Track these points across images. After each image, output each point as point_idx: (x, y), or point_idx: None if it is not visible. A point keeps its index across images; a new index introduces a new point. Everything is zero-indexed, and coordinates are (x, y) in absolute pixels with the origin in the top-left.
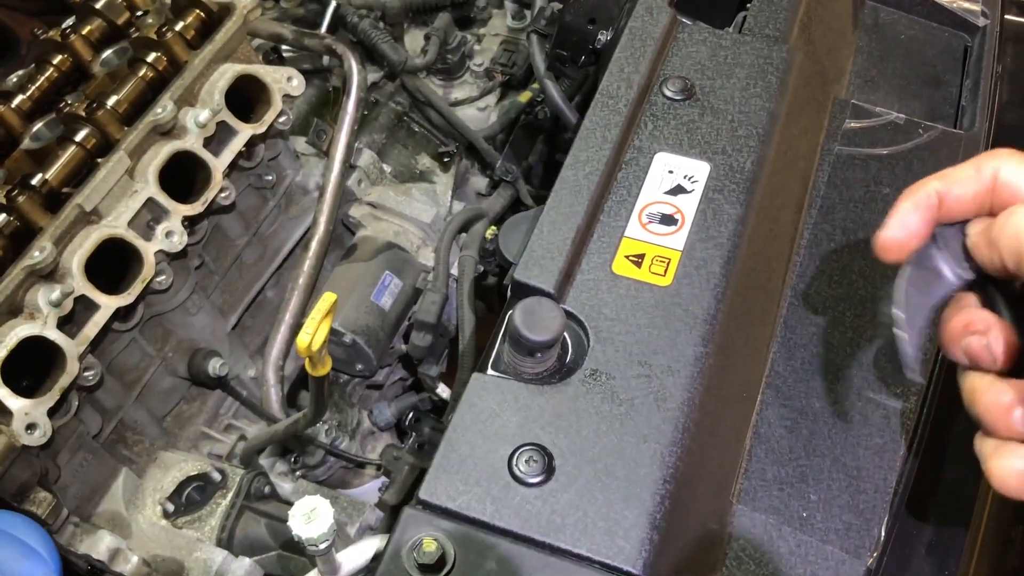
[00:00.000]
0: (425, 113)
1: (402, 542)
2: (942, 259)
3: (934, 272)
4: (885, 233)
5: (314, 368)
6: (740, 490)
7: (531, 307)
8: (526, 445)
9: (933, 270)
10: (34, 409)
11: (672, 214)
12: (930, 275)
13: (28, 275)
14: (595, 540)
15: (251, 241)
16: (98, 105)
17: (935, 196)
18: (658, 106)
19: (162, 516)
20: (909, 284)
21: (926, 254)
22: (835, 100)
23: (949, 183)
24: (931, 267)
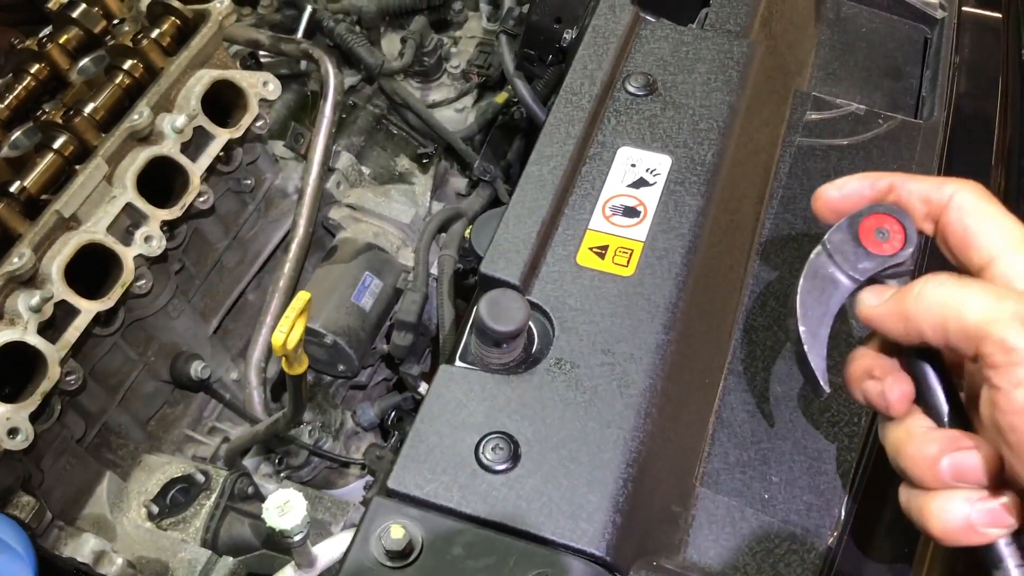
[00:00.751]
0: (403, 115)
1: (370, 530)
2: (834, 265)
3: (828, 280)
4: (824, 187)
5: (290, 367)
6: (703, 473)
7: (496, 299)
8: (492, 433)
9: (827, 278)
10: (16, 414)
11: (635, 206)
12: (825, 283)
13: (7, 281)
14: (560, 524)
15: (231, 245)
16: (75, 112)
17: (887, 180)
18: (621, 102)
19: (147, 518)
20: (805, 297)
21: (818, 263)
22: (796, 92)
23: (906, 179)
24: (825, 275)
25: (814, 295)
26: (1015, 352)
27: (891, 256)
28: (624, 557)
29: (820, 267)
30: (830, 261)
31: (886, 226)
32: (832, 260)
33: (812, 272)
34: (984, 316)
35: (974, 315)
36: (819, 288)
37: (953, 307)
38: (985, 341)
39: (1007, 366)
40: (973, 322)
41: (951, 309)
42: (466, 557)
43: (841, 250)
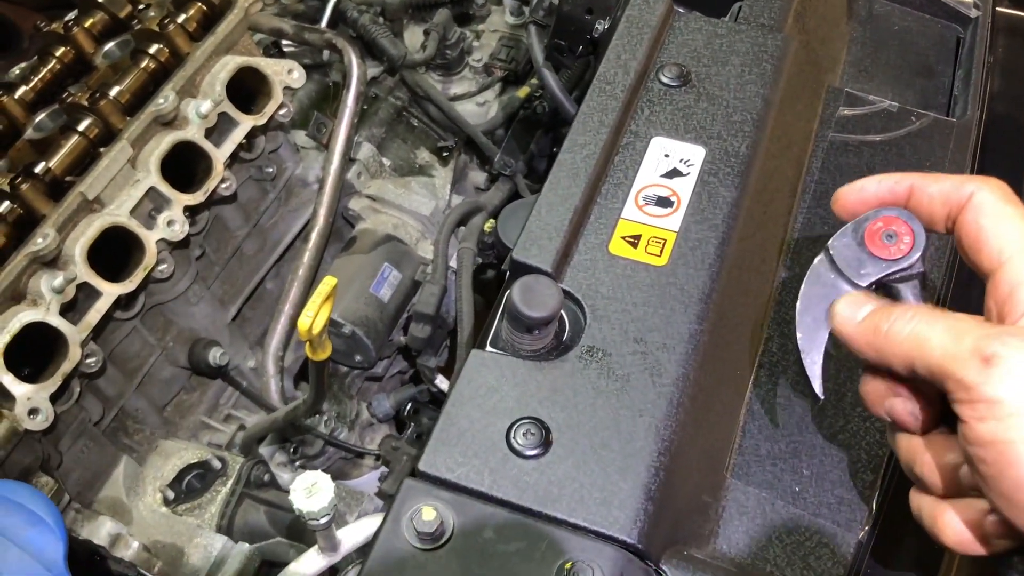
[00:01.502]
0: (424, 108)
1: (401, 511)
2: (836, 271)
3: (830, 286)
4: (843, 189)
5: (314, 352)
6: (734, 464)
7: (529, 285)
8: (524, 419)
9: (828, 284)
10: (36, 394)
11: (668, 196)
12: (826, 289)
13: (31, 262)
14: (591, 510)
15: (251, 233)
16: (101, 95)
17: (907, 183)
18: (654, 92)
19: (162, 503)
20: (805, 303)
21: (820, 269)
22: (829, 88)
23: (928, 180)
24: (827, 281)
25: (815, 301)
26: (973, 389)
27: (897, 260)
28: (655, 545)
29: (822, 273)
30: (832, 267)
31: (894, 229)
32: (834, 266)
33: (814, 278)
34: (944, 353)
35: (936, 353)
36: (820, 294)
37: (916, 345)
38: (947, 379)
39: (968, 402)
40: (936, 360)
41: (915, 347)
42: (497, 541)
43: (844, 255)
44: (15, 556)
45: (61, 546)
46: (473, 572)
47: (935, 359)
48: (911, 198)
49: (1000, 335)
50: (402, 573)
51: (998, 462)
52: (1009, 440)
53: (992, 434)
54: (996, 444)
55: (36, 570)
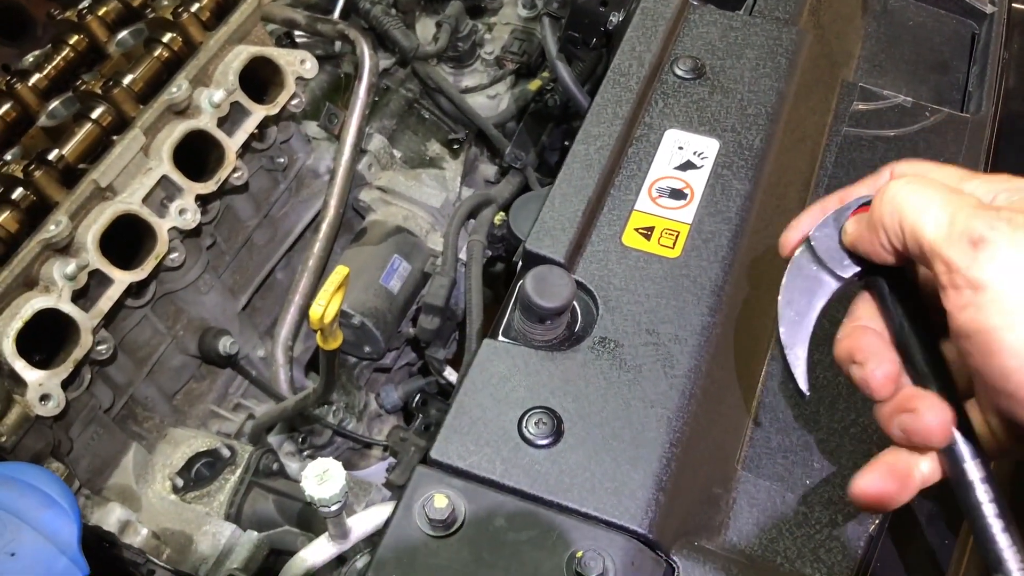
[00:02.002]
0: (435, 100)
1: (413, 498)
2: (818, 263)
3: (812, 279)
4: (785, 234)
5: (325, 341)
6: (745, 456)
7: (543, 275)
8: (536, 408)
9: (810, 277)
10: (48, 380)
11: (681, 189)
12: (808, 283)
13: (44, 248)
14: (602, 500)
15: (262, 223)
16: (114, 83)
17: (833, 200)
18: (669, 84)
19: (171, 491)
20: (787, 297)
21: (801, 261)
22: (843, 82)
23: (850, 188)
24: (808, 274)
25: (797, 294)
26: (958, 273)
27: None
28: (666, 536)
29: (804, 265)
30: (814, 259)
31: None
32: (816, 258)
33: (796, 270)
34: (937, 231)
35: (929, 228)
36: (802, 287)
37: (911, 218)
38: (936, 259)
39: (953, 287)
40: (928, 238)
41: (910, 220)
42: (508, 529)
43: (825, 247)
44: (30, 538)
45: (75, 528)
46: (485, 560)
47: (928, 236)
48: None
49: (991, 218)
50: (414, 559)
51: (981, 351)
52: (992, 327)
53: (974, 322)
54: (979, 333)
55: (50, 552)
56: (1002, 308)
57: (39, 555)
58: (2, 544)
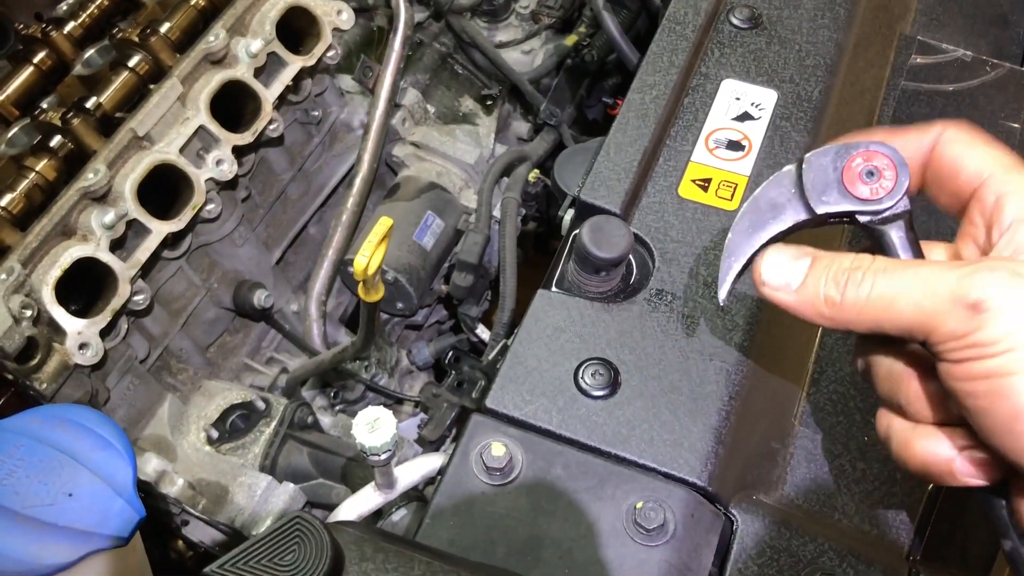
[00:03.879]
0: (470, 54)
1: (470, 447)
2: (799, 187)
3: (785, 202)
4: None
5: (367, 293)
6: (802, 412)
7: (600, 225)
8: (592, 359)
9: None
10: (87, 329)
11: (739, 140)
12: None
13: (82, 197)
14: (661, 452)
15: (296, 176)
16: (151, 31)
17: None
18: (725, 34)
19: (206, 442)
20: (752, 207)
21: (784, 179)
22: (901, 35)
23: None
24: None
25: (763, 207)
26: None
27: (879, 199)
28: (725, 489)
29: (784, 183)
30: (797, 182)
31: (875, 165)
32: (799, 182)
33: (775, 183)
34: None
35: (908, 312)
36: (771, 202)
37: (883, 308)
38: (929, 334)
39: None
40: (909, 320)
41: (882, 311)
42: (566, 479)
43: (815, 176)
44: (86, 479)
45: (131, 471)
46: (543, 508)
47: (909, 319)
48: None
49: (978, 279)
50: (471, 507)
51: (990, 396)
52: (1004, 372)
53: (983, 368)
54: (991, 378)
55: (107, 493)
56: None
57: (96, 496)
58: (59, 484)
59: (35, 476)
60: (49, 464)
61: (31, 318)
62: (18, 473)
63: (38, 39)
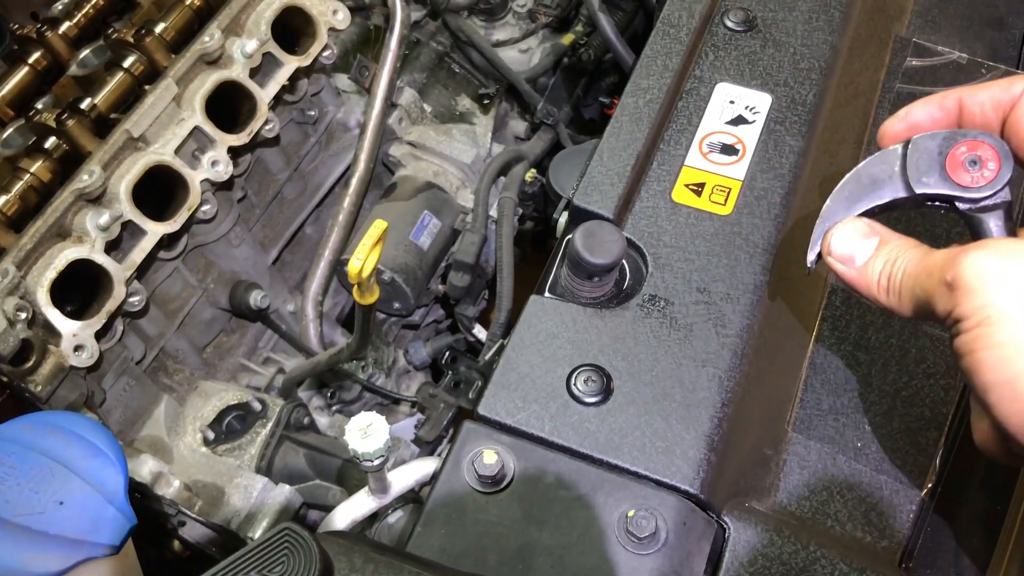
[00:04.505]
0: (466, 53)
1: (462, 454)
2: (903, 166)
3: (886, 178)
4: (887, 122)
5: (362, 296)
6: (795, 418)
7: (592, 230)
8: (584, 366)
9: (886, 176)
10: (82, 331)
11: (733, 144)
12: (882, 179)
13: (77, 199)
14: (653, 459)
15: (292, 176)
16: (146, 32)
17: (954, 96)
18: (719, 36)
19: (202, 443)
20: (854, 178)
21: (887, 157)
22: (896, 37)
23: (975, 89)
24: (886, 172)
25: (864, 181)
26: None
27: (980, 188)
28: (717, 496)
29: (888, 160)
30: (902, 161)
31: (979, 154)
32: (904, 161)
33: (880, 159)
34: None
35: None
36: (873, 176)
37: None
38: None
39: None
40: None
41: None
42: (558, 487)
43: (919, 158)
44: (77, 487)
45: (122, 478)
46: (535, 516)
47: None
48: (962, 112)
49: (960, 259)
50: (463, 514)
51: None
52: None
53: (961, 346)
54: (966, 355)
55: (98, 501)
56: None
57: (87, 504)
58: (50, 493)
59: (26, 484)
60: (40, 472)
61: (26, 320)
62: (9, 481)
63: (33, 39)
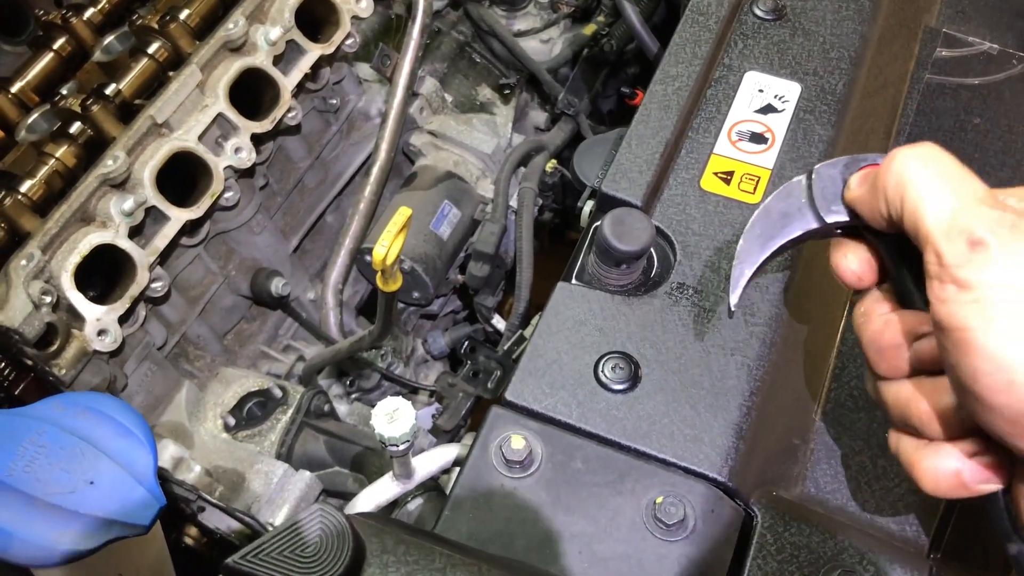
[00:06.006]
0: (488, 43)
1: (490, 439)
2: (809, 198)
3: (795, 212)
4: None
5: (385, 283)
6: (823, 408)
7: (621, 217)
8: (612, 353)
9: (795, 209)
10: (105, 316)
11: (762, 133)
12: (791, 213)
13: (101, 184)
14: (681, 446)
15: (313, 165)
16: (171, 18)
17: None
18: (748, 25)
19: (223, 429)
20: (763, 216)
21: (795, 188)
22: (926, 28)
23: None
24: (794, 205)
25: (774, 217)
26: (948, 269)
27: None
28: (745, 485)
29: (793, 193)
30: (808, 192)
31: None
32: (810, 192)
33: (785, 194)
34: (938, 221)
35: (930, 216)
36: (781, 212)
37: (914, 198)
38: (929, 248)
39: (939, 280)
40: (927, 225)
41: (911, 199)
42: (586, 472)
43: (824, 187)
44: (107, 467)
45: (151, 459)
46: (562, 502)
47: (927, 223)
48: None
49: (993, 221)
50: (490, 499)
51: (955, 348)
52: (969, 327)
53: (952, 318)
54: (956, 330)
55: (128, 481)
56: (983, 311)
57: (116, 484)
58: (81, 472)
59: (57, 463)
60: (71, 452)
61: (50, 304)
62: (40, 460)
63: (58, 25)
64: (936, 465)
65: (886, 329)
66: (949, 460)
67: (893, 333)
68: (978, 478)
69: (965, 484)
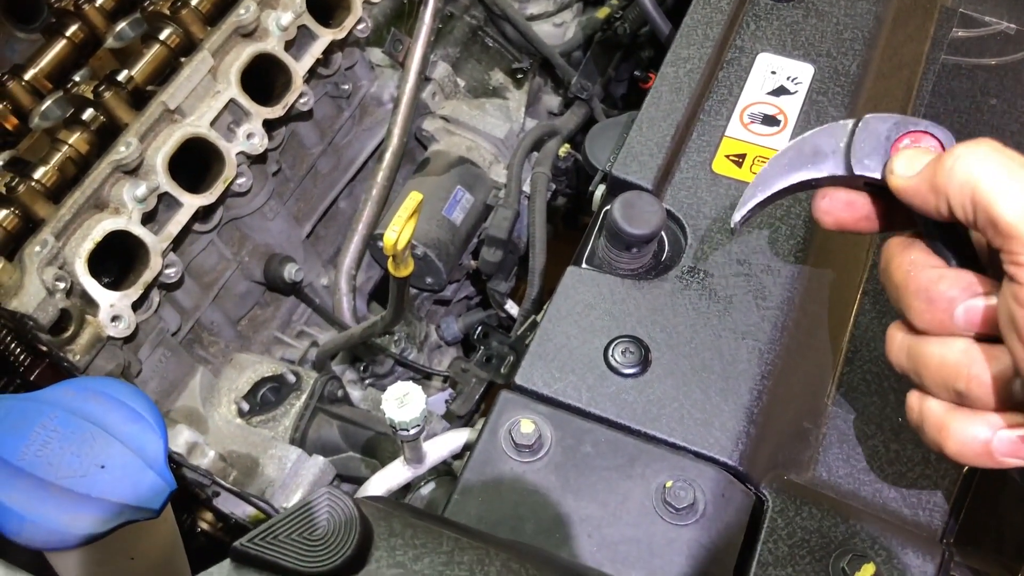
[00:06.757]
0: (500, 27)
1: (499, 423)
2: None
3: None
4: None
5: (396, 269)
6: (835, 392)
7: (631, 200)
8: (622, 337)
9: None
10: (119, 302)
11: (775, 115)
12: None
13: (114, 170)
14: (691, 431)
15: (326, 150)
16: (182, 4)
17: None
18: (761, 6)
19: (237, 415)
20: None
21: (838, 131)
22: (942, 8)
23: None
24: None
25: (806, 151)
26: None
27: None
28: (756, 469)
29: (836, 134)
30: (848, 137)
31: (923, 145)
32: (851, 138)
33: (828, 132)
34: (1017, 216)
35: (1008, 213)
36: (814, 150)
37: (987, 195)
38: (1013, 240)
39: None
40: (1005, 220)
41: (984, 196)
42: (595, 456)
43: (866, 139)
44: (118, 451)
45: (162, 443)
46: (572, 486)
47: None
48: None
49: None
50: (500, 483)
51: None
52: None
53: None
54: None
55: (138, 465)
56: None
57: (127, 468)
58: (92, 456)
59: (68, 448)
60: (82, 436)
61: (64, 290)
62: (52, 444)
63: (71, 12)
64: (966, 430)
65: (941, 280)
66: (981, 428)
67: (949, 285)
68: (1007, 451)
69: (991, 453)
